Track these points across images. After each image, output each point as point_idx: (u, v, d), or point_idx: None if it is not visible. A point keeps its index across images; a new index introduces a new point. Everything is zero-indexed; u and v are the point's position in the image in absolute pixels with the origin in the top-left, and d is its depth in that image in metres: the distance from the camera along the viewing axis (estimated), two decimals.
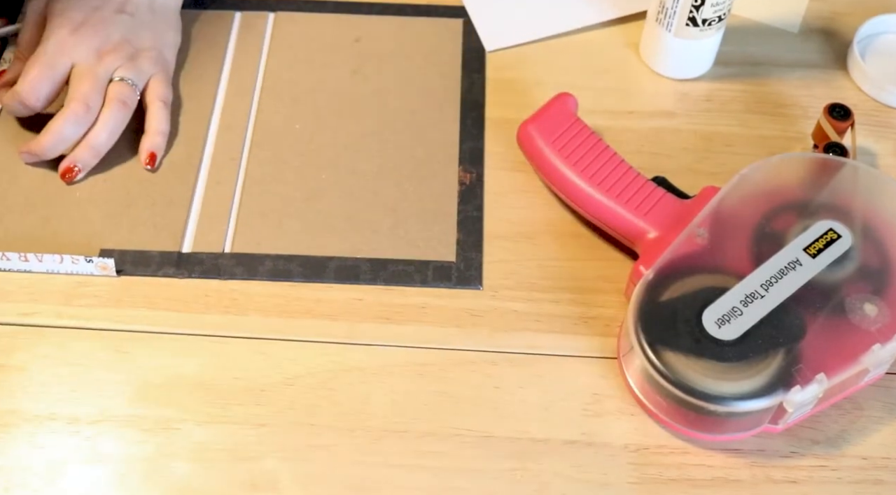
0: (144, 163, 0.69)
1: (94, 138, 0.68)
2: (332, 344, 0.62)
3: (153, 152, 0.69)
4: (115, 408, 0.59)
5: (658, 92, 0.75)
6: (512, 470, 0.57)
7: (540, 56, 0.77)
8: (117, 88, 0.68)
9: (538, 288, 0.64)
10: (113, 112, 0.68)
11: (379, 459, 0.57)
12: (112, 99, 0.68)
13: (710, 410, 0.55)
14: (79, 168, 0.67)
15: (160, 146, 0.70)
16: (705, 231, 0.60)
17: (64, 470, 0.57)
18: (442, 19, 0.78)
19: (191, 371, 0.60)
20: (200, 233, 0.66)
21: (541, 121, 0.67)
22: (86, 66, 0.68)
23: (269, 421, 0.59)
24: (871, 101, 0.75)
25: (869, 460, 0.58)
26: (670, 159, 0.71)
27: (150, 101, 0.70)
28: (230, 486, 0.56)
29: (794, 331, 0.57)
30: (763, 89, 0.75)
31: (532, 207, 0.68)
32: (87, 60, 0.68)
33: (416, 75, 0.74)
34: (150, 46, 0.71)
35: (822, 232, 0.60)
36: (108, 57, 0.69)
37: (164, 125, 0.70)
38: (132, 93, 0.69)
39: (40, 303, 0.63)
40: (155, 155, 0.69)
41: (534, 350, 0.62)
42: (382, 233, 0.66)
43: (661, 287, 0.58)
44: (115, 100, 0.68)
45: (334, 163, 0.69)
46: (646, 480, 0.57)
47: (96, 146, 0.68)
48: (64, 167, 0.67)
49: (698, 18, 0.71)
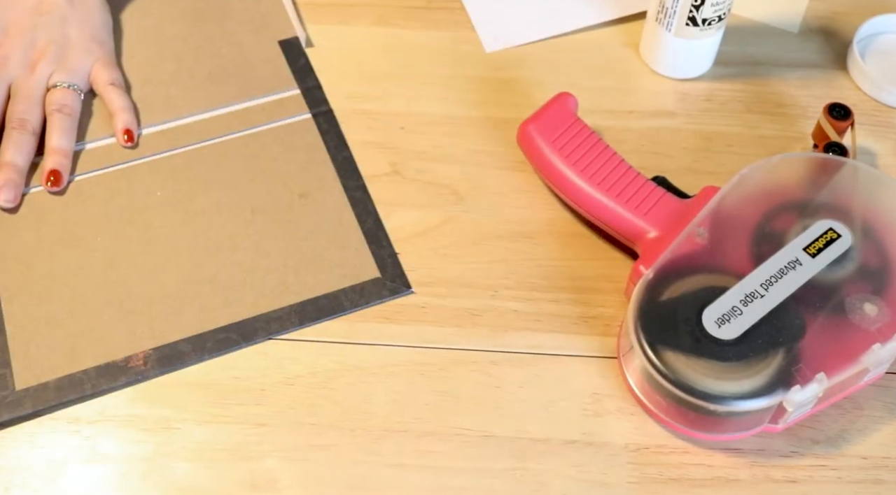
0: (123, 143, 0.69)
1: (52, 143, 0.67)
2: (332, 343, 0.62)
3: (127, 128, 0.69)
4: (115, 408, 0.59)
5: (658, 92, 0.75)
6: (512, 469, 0.57)
7: (540, 56, 0.77)
8: (55, 95, 0.69)
9: (538, 287, 0.64)
10: (56, 118, 0.68)
11: (379, 459, 0.57)
12: (52, 110, 0.68)
13: (710, 410, 0.55)
14: (58, 171, 0.67)
15: (131, 122, 0.69)
16: (705, 231, 0.60)
17: (64, 469, 0.57)
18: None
19: (191, 371, 0.60)
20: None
21: (541, 121, 0.67)
22: (19, 83, 0.68)
23: (269, 420, 0.59)
24: (871, 100, 0.75)
25: (869, 460, 0.58)
26: (670, 159, 0.71)
27: (100, 89, 0.71)
28: (230, 486, 0.56)
29: (794, 331, 0.57)
30: (763, 89, 0.75)
31: (532, 207, 0.68)
32: (19, 74, 0.69)
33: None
34: (78, 37, 0.71)
35: (821, 231, 0.60)
36: (38, 65, 0.69)
37: (124, 101, 0.70)
38: (72, 95, 0.69)
39: None
40: (130, 130, 0.69)
41: (534, 349, 0.62)
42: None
43: (661, 286, 0.58)
44: (54, 107, 0.68)
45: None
46: (646, 480, 0.57)
47: (59, 149, 0.67)
48: (47, 174, 0.66)
49: (698, 18, 0.71)
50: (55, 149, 0.67)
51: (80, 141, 0.69)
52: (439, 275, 0.65)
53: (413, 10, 0.79)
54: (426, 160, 0.70)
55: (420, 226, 0.67)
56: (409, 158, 0.70)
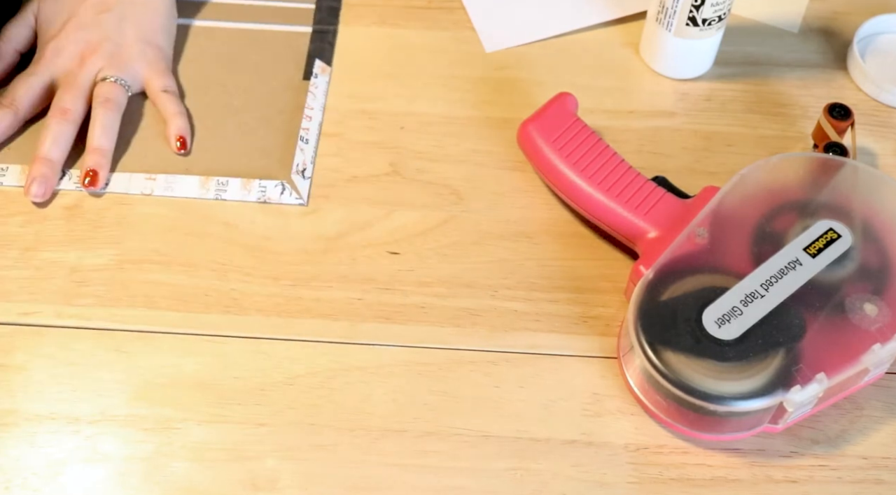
0: (177, 150, 0.69)
1: (93, 142, 0.67)
2: (332, 343, 0.62)
3: (180, 135, 0.69)
4: (115, 408, 0.59)
5: (658, 92, 0.75)
6: (512, 469, 0.57)
7: (540, 56, 0.77)
8: (102, 89, 0.69)
9: (538, 287, 0.64)
10: (100, 112, 0.68)
11: (379, 459, 0.58)
12: (97, 103, 0.68)
13: (710, 410, 0.55)
14: (95, 171, 0.67)
15: (184, 128, 0.69)
16: (705, 231, 0.60)
17: (64, 469, 0.57)
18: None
19: (191, 370, 0.60)
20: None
21: (541, 121, 0.67)
22: (68, 75, 0.68)
23: (269, 420, 0.59)
24: (871, 100, 0.75)
25: (869, 460, 0.58)
26: (670, 159, 0.71)
27: (153, 95, 0.71)
28: (230, 486, 0.56)
29: (794, 331, 0.57)
30: (763, 89, 0.75)
31: (532, 207, 0.68)
32: (69, 67, 0.69)
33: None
34: (135, 38, 0.71)
35: (822, 231, 0.60)
36: (89, 59, 0.69)
37: (177, 107, 0.70)
38: (118, 89, 0.69)
39: (40, 303, 0.63)
40: (183, 137, 0.69)
41: (534, 349, 0.62)
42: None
43: (661, 286, 0.58)
44: (99, 100, 0.68)
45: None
46: (645, 480, 0.57)
47: (98, 148, 0.67)
48: (83, 174, 0.67)
49: (698, 18, 0.71)
50: (95, 148, 0.67)
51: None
52: (439, 275, 0.65)
53: (413, 10, 0.79)
54: (426, 160, 0.70)
55: (420, 226, 0.67)
56: (409, 158, 0.70)
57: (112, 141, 0.68)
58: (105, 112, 0.68)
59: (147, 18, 0.72)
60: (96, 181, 0.67)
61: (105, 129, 0.68)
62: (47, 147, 0.67)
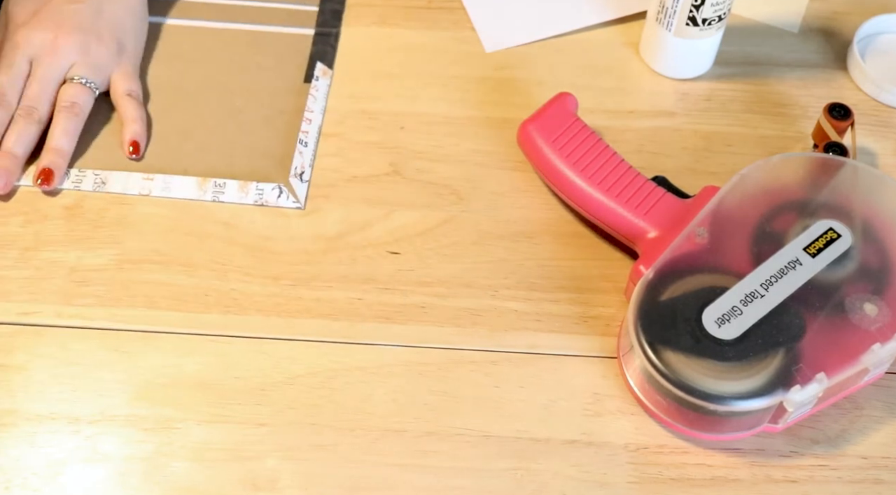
0: (128, 154, 0.69)
1: (52, 142, 0.67)
2: (332, 343, 0.62)
3: (134, 140, 0.69)
4: (115, 408, 0.59)
5: (658, 92, 0.75)
6: (512, 469, 0.57)
7: (540, 56, 0.77)
8: (69, 90, 0.69)
9: (538, 287, 0.64)
10: (63, 116, 0.68)
11: (379, 459, 0.58)
12: (61, 106, 0.68)
13: (710, 410, 0.55)
14: (50, 170, 0.67)
15: (140, 133, 0.69)
16: (705, 230, 0.60)
17: (64, 469, 0.57)
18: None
19: (191, 370, 0.60)
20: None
21: (541, 121, 0.67)
22: (40, 64, 0.68)
23: (269, 420, 0.59)
24: (871, 100, 0.75)
25: (869, 460, 0.58)
26: (670, 159, 0.71)
27: (116, 97, 0.71)
28: (230, 486, 0.56)
29: (794, 331, 0.57)
30: (763, 89, 0.75)
31: (532, 207, 0.68)
32: (41, 51, 0.68)
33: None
34: (109, 37, 0.70)
35: (821, 231, 0.60)
36: (61, 46, 0.68)
37: (137, 112, 0.70)
38: (86, 93, 0.69)
39: (40, 303, 0.63)
40: (137, 142, 0.69)
41: (534, 349, 0.62)
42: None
43: (661, 286, 0.58)
44: (65, 103, 0.68)
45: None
46: (645, 480, 0.57)
47: (57, 149, 0.67)
48: (39, 171, 0.66)
49: (698, 18, 0.71)
50: (54, 149, 0.67)
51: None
52: (439, 275, 0.65)
53: (413, 10, 0.79)
54: (426, 160, 0.70)
55: (420, 226, 0.67)
56: (409, 158, 0.70)
57: (72, 144, 0.68)
58: (69, 117, 0.68)
59: (119, 17, 0.72)
60: (50, 180, 0.67)
61: (66, 133, 0.68)
62: (12, 142, 0.67)
